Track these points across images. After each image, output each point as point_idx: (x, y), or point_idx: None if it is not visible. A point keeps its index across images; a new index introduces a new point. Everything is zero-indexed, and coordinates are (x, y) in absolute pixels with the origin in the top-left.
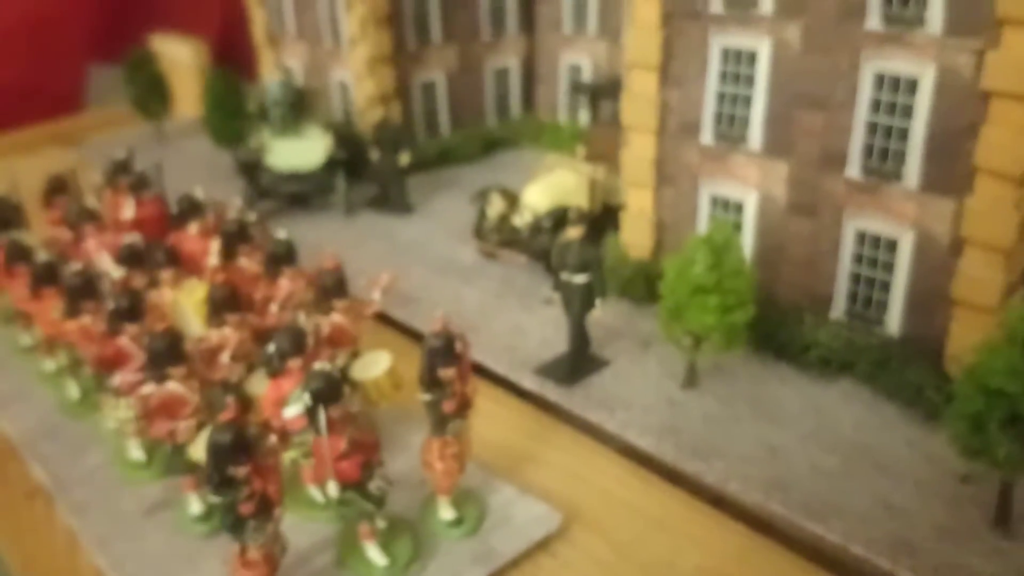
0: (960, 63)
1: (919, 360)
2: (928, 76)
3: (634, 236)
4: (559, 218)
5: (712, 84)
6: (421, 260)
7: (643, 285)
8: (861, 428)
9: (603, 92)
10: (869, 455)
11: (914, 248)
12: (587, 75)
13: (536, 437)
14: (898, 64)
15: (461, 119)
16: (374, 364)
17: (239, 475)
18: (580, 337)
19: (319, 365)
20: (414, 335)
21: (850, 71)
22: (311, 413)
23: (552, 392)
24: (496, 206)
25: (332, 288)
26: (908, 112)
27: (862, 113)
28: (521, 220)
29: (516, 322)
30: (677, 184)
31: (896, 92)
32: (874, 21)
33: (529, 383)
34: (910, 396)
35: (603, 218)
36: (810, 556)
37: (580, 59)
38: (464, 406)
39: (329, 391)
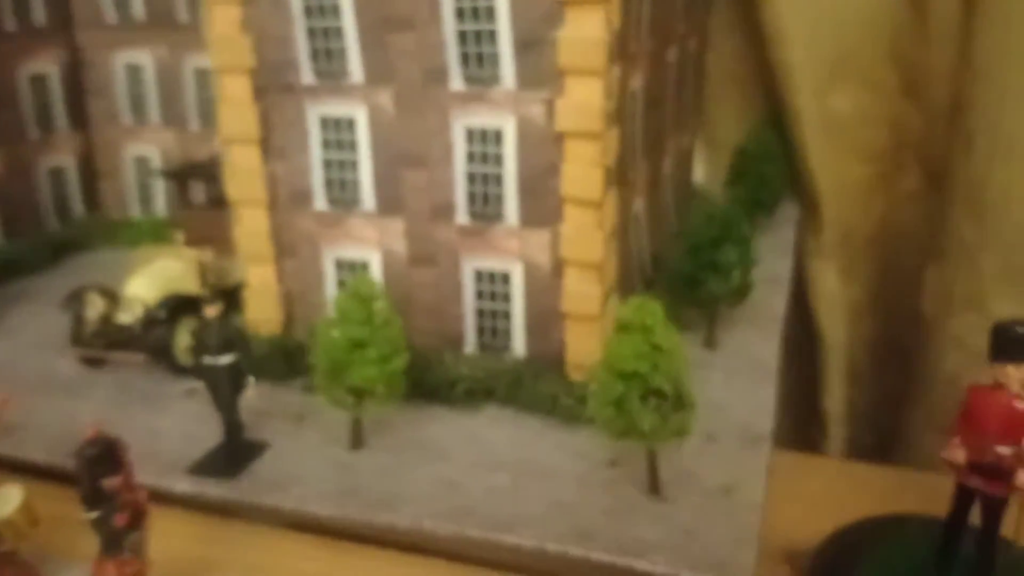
0: (534, 112)
1: (547, 374)
2: (510, 126)
3: (262, 312)
4: (175, 306)
5: (316, 152)
6: (9, 383)
7: (281, 360)
8: (515, 444)
9: (190, 175)
10: (529, 466)
11: (524, 277)
12: (157, 164)
13: (207, 540)
14: (483, 119)
15: (16, 227)
16: (3, 502)
17: None
18: (235, 423)
19: None
20: (27, 468)
21: (442, 129)
22: None
23: (214, 488)
24: (96, 306)
25: None
26: (499, 160)
27: (460, 165)
28: (131, 316)
29: (149, 426)
30: (298, 253)
31: (485, 143)
32: (457, 82)
33: (184, 486)
34: (547, 406)
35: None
36: (511, 568)
37: (147, 149)
38: (139, 516)
39: None
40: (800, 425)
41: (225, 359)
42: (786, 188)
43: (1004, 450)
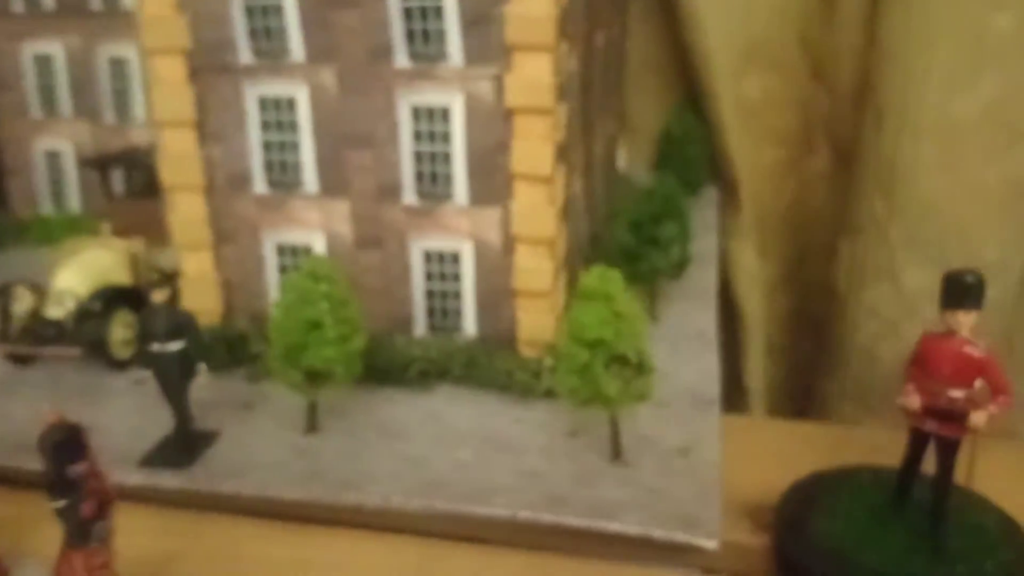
0: (482, 89)
1: (500, 351)
2: (457, 104)
3: (200, 302)
4: (109, 298)
5: (255, 134)
6: None
7: (223, 350)
8: (474, 420)
9: (113, 164)
10: (492, 440)
11: (474, 256)
12: (69, 158)
13: (167, 532)
14: (430, 96)
15: None
16: None
17: None
18: (184, 412)
19: None
20: None
21: (387, 108)
22: None
23: (169, 479)
24: (24, 301)
25: None
26: (446, 138)
27: (407, 144)
28: (62, 310)
29: (90, 422)
30: (237, 239)
31: (432, 121)
32: (402, 59)
33: (137, 479)
34: (503, 383)
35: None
36: (484, 540)
37: (58, 143)
38: (106, 504)
39: None
40: (723, 398)
41: (174, 346)
42: (709, 170)
43: (957, 393)
